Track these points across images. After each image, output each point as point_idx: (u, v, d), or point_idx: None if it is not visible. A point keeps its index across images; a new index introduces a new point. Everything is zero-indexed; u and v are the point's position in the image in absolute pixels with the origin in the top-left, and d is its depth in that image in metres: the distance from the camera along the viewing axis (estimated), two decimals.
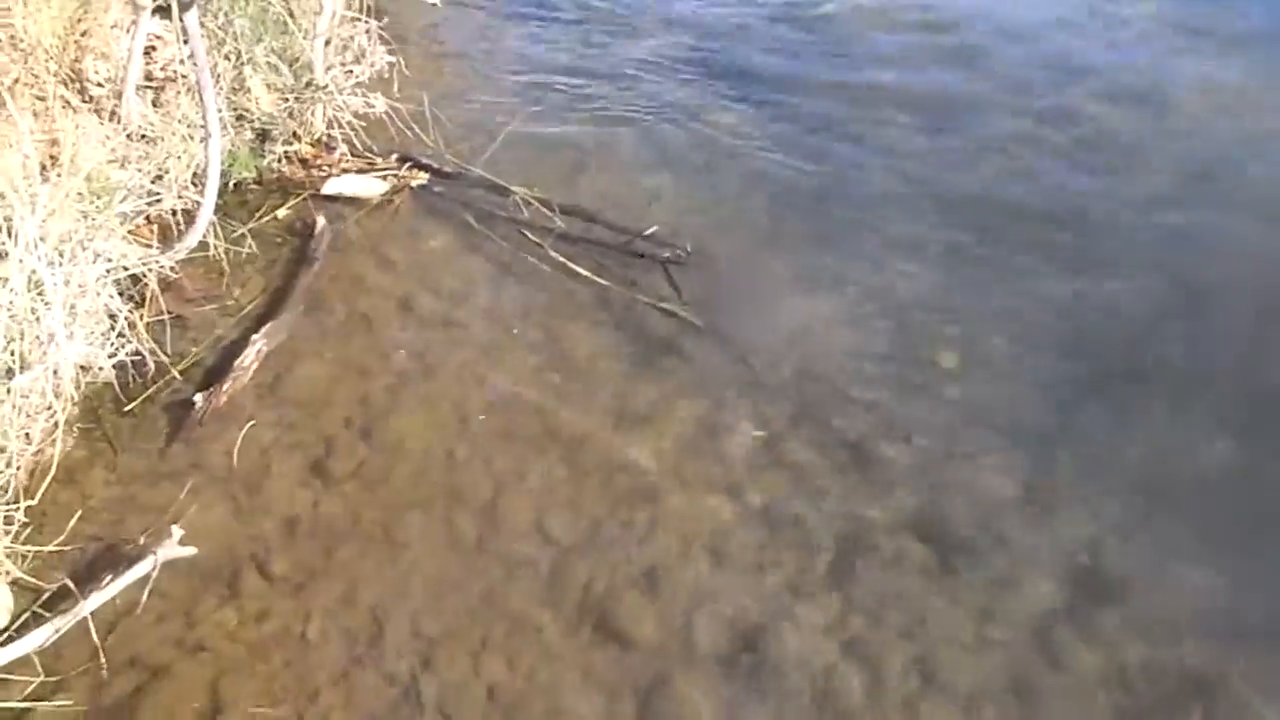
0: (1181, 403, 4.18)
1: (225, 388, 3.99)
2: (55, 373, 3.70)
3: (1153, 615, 3.47)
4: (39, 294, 3.60)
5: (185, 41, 4.15)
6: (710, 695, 3.22)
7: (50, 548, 3.37)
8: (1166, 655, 3.36)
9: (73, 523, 3.47)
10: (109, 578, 3.26)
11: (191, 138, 4.69)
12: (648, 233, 4.76)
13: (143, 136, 4.69)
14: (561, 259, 4.71)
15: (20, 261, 3.53)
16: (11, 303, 3.51)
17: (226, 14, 5.09)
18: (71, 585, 3.23)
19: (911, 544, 3.67)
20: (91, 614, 3.19)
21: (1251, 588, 3.55)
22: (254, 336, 4.18)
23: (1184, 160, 5.57)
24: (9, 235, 3.52)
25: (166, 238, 4.48)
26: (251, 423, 3.91)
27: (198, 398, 3.93)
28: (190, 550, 3.41)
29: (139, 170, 4.47)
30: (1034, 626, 3.43)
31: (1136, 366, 4.35)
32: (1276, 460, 3.96)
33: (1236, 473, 3.92)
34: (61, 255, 3.75)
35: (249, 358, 4.11)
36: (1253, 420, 4.10)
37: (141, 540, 3.45)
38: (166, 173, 4.64)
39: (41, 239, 3.65)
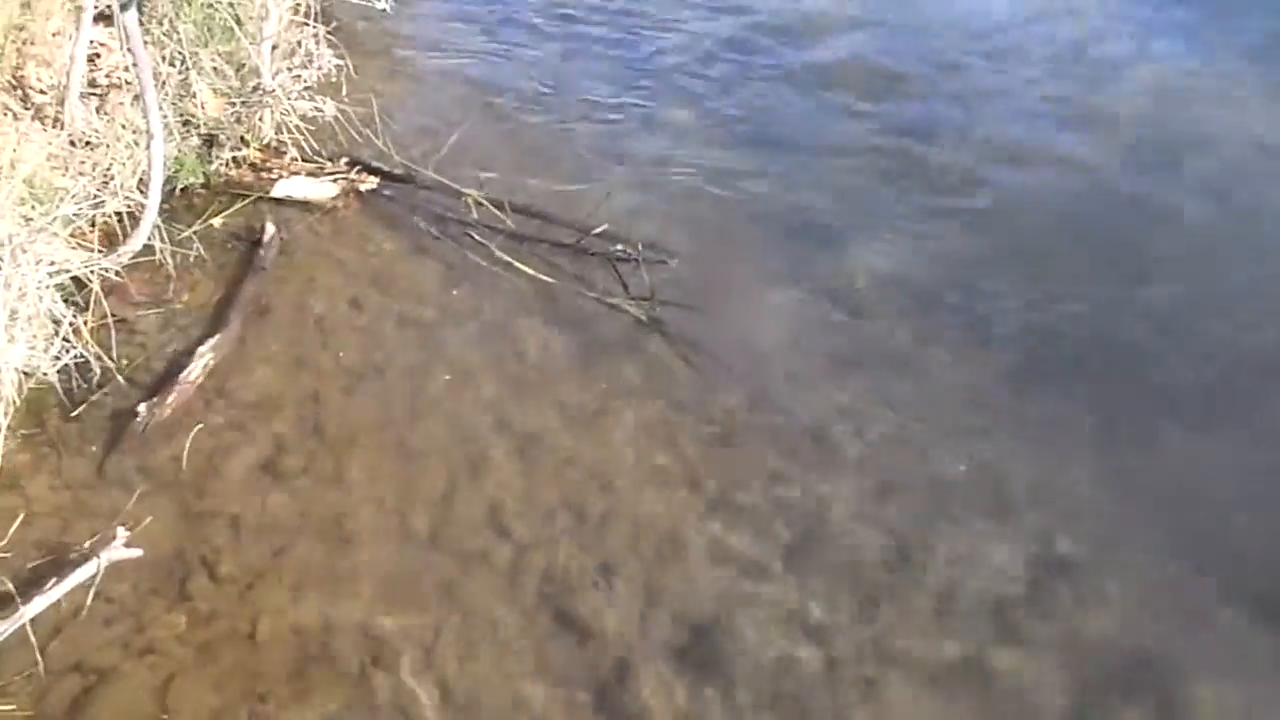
0: (1141, 387, 4.24)
1: (169, 400, 3.94)
2: None
3: (1111, 591, 3.50)
4: None
5: (127, 44, 4.11)
6: (669, 685, 3.21)
7: None
8: (1118, 634, 3.39)
9: (15, 528, 3.40)
10: (52, 582, 3.20)
11: (137, 143, 4.64)
12: (597, 231, 4.76)
13: (87, 143, 4.64)
14: (511, 259, 4.69)
15: None
16: None
17: (171, 19, 5.06)
18: (12, 589, 3.17)
19: (870, 528, 3.68)
20: (36, 619, 3.13)
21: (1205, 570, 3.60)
22: (200, 349, 4.12)
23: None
24: None
25: (112, 242, 4.42)
26: (199, 426, 3.86)
27: (141, 408, 3.87)
28: (136, 552, 3.36)
29: (82, 175, 4.42)
30: (990, 606, 3.45)
31: (1096, 352, 4.41)
32: (1234, 438, 4.04)
33: (1193, 455, 3.98)
34: (1, 259, 3.70)
35: (194, 371, 4.05)
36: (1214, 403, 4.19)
37: (86, 544, 3.39)
38: (112, 178, 4.59)
39: None
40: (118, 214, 4.53)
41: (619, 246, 4.73)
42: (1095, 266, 4.83)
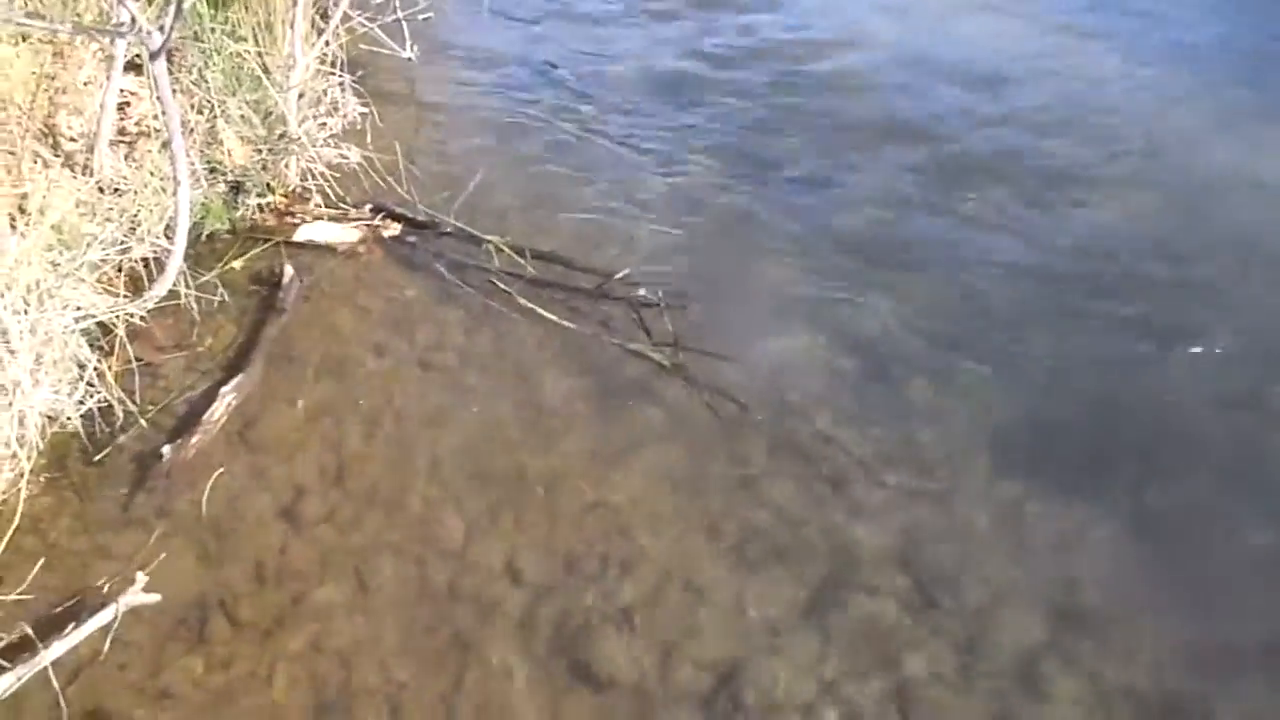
0: (1171, 437, 4.21)
1: (193, 441, 3.95)
2: (20, 421, 3.66)
3: (1136, 645, 3.44)
4: (4, 342, 3.58)
5: (156, 92, 4.17)
6: None
7: (12, 597, 3.31)
8: (1149, 684, 3.33)
9: (35, 571, 3.41)
10: (71, 626, 3.20)
11: (164, 190, 4.70)
12: (619, 276, 4.78)
13: (115, 189, 4.70)
14: (533, 304, 4.71)
15: None
16: None
17: (200, 68, 5.14)
18: (32, 634, 3.16)
19: (892, 578, 3.64)
20: (54, 663, 3.13)
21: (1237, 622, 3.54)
22: (222, 390, 4.15)
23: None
24: None
25: (138, 287, 4.47)
26: (220, 470, 3.87)
27: (165, 449, 3.88)
28: (155, 597, 3.36)
29: (110, 221, 4.47)
30: (1015, 658, 3.40)
31: (1123, 403, 4.37)
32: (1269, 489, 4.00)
33: (1223, 505, 3.93)
34: (28, 304, 3.74)
35: (217, 411, 4.07)
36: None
37: (105, 588, 3.39)
38: (139, 224, 4.64)
39: (8, 287, 3.65)
40: (144, 259, 4.58)
41: (641, 291, 4.74)
42: (1125, 318, 4.79)
